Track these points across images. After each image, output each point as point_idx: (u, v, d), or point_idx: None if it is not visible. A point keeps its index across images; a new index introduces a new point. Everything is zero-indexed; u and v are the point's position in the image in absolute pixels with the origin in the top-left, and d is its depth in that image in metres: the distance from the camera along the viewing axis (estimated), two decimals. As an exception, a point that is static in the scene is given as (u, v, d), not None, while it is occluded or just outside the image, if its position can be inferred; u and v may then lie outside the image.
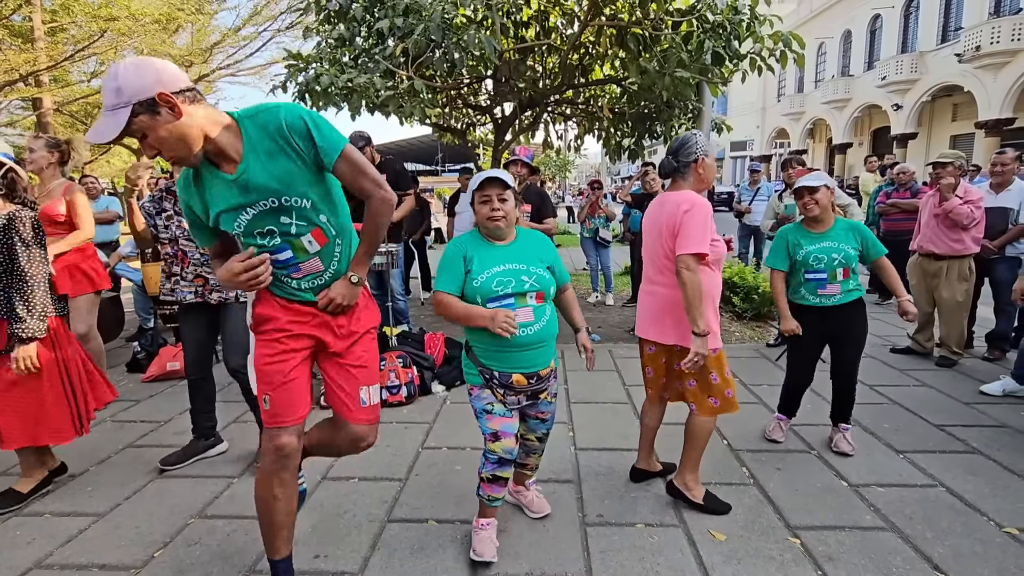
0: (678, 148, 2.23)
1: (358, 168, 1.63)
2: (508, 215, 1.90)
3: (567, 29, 5.80)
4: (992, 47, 16.49)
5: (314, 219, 1.63)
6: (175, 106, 1.39)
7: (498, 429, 1.95)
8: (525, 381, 1.96)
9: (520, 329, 1.86)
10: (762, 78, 5.25)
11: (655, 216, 2.26)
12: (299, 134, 1.53)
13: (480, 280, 1.87)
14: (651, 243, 2.28)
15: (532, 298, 1.91)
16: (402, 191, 4.49)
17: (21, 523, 2.34)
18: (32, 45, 12.58)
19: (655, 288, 2.29)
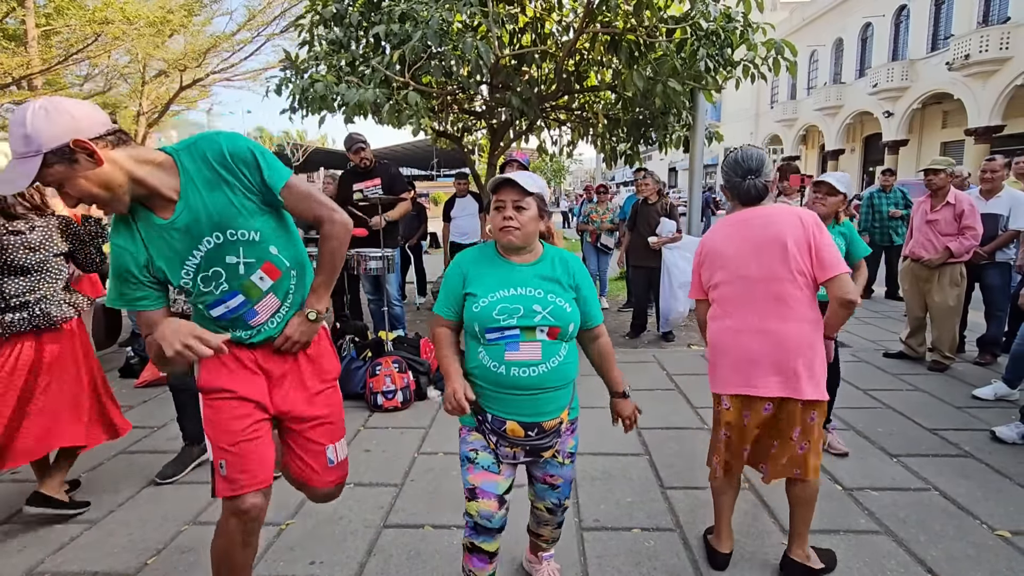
0: (758, 168, 1.89)
1: (307, 195, 1.51)
2: (524, 227, 1.53)
3: (562, 36, 5.84)
4: (981, 55, 16.74)
5: (263, 253, 1.49)
6: (94, 152, 1.24)
7: (477, 485, 1.57)
8: (522, 432, 1.56)
9: (520, 369, 1.51)
10: (755, 85, 5.31)
11: (759, 238, 1.82)
12: (244, 163, 1.42)
13: (481, 305, 1.52)
14: (762, 271, 1.81)
15: (543, 333, 1.52)
16: (397, 194, 4.50)
17: (12, 530, 2.31)
18: (25, 48, 12.52)
19: (777, 326, 1.80)
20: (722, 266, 1.90)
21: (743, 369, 1.85)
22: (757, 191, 1.90)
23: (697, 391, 3.86)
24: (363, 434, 3.25)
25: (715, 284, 1.93)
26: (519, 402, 1.55)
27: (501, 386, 1.54)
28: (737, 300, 1.87)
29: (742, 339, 1.85)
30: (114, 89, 15.96)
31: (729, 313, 1.89)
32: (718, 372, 1.95)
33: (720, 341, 1.92)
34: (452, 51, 4.33)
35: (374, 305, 4.88)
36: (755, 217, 1.87)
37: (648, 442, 3.06)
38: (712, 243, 1.95)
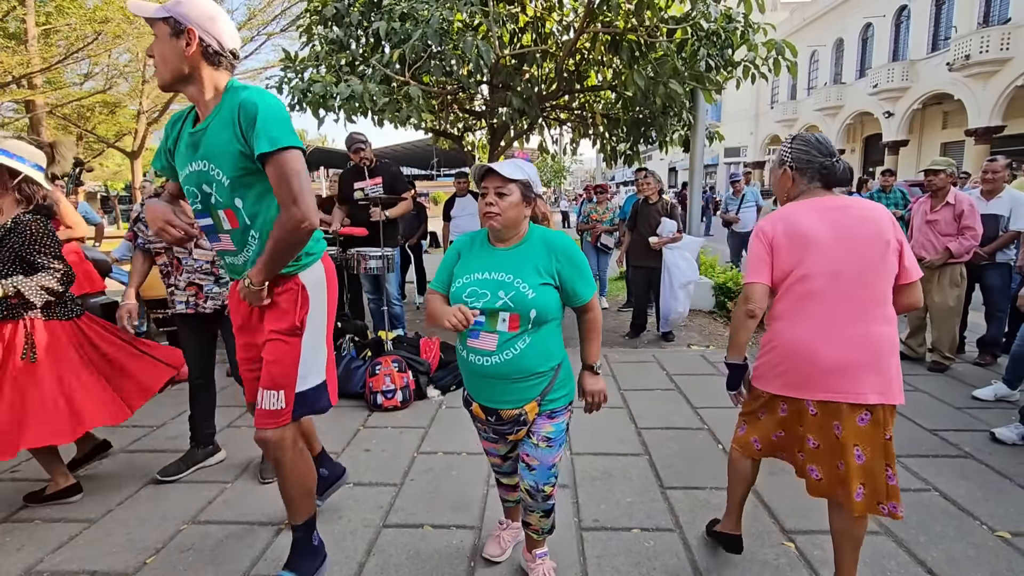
0: (835, 152, 1.76)
1: (281, 175, 1.57)
2: (505, 212, 1.57)
3: (563, 36, 5.84)
4: (981, 56, 16.73)
5: (227, 199, 1.67)
6: (191, 43, 1.59)
7: (485, 448, 1.88)
8: (483, 415, 1.72)
9: (476, 356, 1.60)
10: (755, 85, 5.32)
11: (859, 231, 1.64)
12: (246, 116, 1.56)
13: (456, 286, 1.63)
14: (861, 267, 1.62)
15: (503, 322, 1.55)
16: (398, 193, 4.49)
17: (10, 529, 2.31)
18: (25, 47, 12.50)
19: (876, 329, 1.62)
20: (815, 256, 1.64)
21: (839, 374, 1.62)
22: (848, 173, 1.73)
23: (697, 391, 3.86)
24: (363, 433, 3.25)
25: (802, 276, 1.65)
26: (479, 386, 1.67)
27: (464, 369, 1.68)
28: (830, 297, 1.63)
29: (836, 342, 1.62)
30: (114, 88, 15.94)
31: (814, 312, 1.65)
32: (797, 375, 1.69)
33: (802, 343, 1.66)
34: (452, 50, 4.33)
35: (374, 304, 4.88)
36: (849, 206, 1.67)
37: (648, 442, 3.06)
38: (799, 226, 1.66)
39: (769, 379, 1.78)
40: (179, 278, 2.61)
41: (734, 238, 7.60)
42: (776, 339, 1.75)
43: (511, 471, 1.89)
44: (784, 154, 1.78)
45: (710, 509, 2.40)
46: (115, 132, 18.51)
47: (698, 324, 5.79)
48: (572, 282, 1.62)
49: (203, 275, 2.60)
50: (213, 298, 2.62)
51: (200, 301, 2.60)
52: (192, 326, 2.67)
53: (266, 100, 1.58)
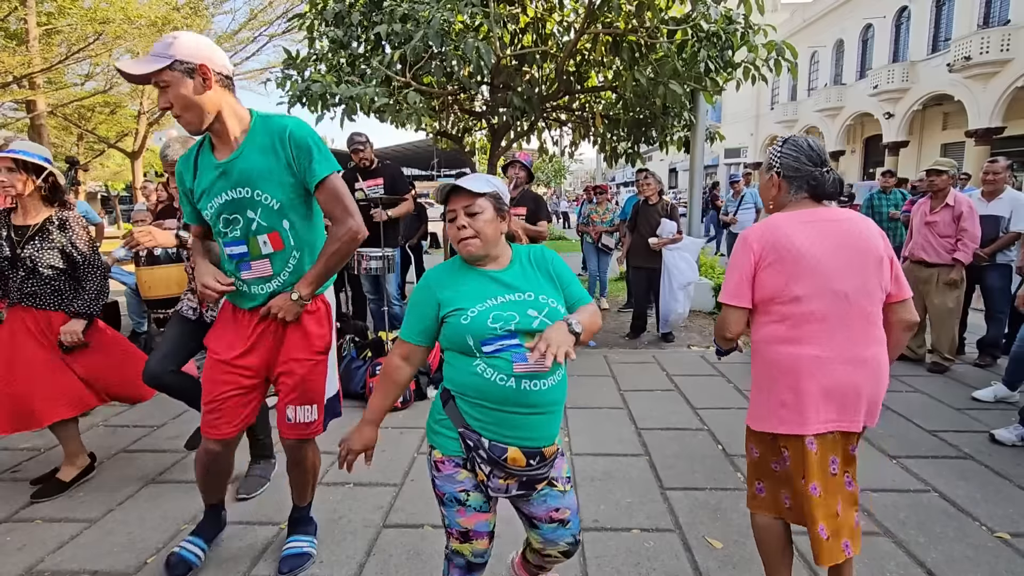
0: (827, 160, 1.63)
1: (335, 195, 1.74)
2: (482, 232, 1.36)
3: (563, 36, 5.84)
4: (982, 57, 16.73)
5: (276, 222, 1.74)
6: (208, 79, 1.61)
7: (471, 528, 1.42)
8: (523, 461, 1.36)
9: (532, 382, 1.34)
10: (756, 86, 5.32)
11: (853, 246, 1.51)
12: (297, 145, 1.67)
13: (471, 316, 1.34)
14: (857, 286, 1.49)
15: None
16: (399, 194, 4.50)
17: (11, 529, 2.31)
18: (26, 47, 12.52)
19: (873, 353, 1.51)
20: (808, 275, 1.48)
21: (838, 404, 1.50)
22: (837, 186, 1.59)
23: (697, 392, 3.86)
24: (363, 434, 3.25)
25: (795, 297, 1.49)
26: (527, 423, 1.36)
27: (507, 404, 1.34)
28: (827, 321, 1.48)
29: (836, 369, 1.49)
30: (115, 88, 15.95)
31: (812, 336, 1.49)
32: (793, 409, 1.50)
33: (799, 371, 1.50)
34: (453, 51, 4.34)
35: (374, 305, 4.88)
36: (839, 219, 1.55)
37: (648, 443, 3.06)
38: (790, 241, 1.50)
39: (770, 418, 1.57)
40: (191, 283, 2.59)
41: (731, 238, 7.64)
42: (774, 370, 1.55)
43: (486, 560, 1.50)
44: (773, 158, 1.63)
45: (710, 510, 2.40)
46: (116, 132, 18.53)
47: (698, 325, 5.79)
48: (570, 289, 1.47)
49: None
50: (213, 310, 2.53)
51: (204, 310, 2.55)
52: (184, 330, 2.54)
53: (311, 131, 1.71)
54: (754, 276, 1.55)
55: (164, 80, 1.58)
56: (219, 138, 1.72)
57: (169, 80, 1.58)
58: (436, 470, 1.43)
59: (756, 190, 8.05)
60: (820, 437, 1.51)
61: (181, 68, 1.57)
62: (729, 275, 1.60)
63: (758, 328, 1.60)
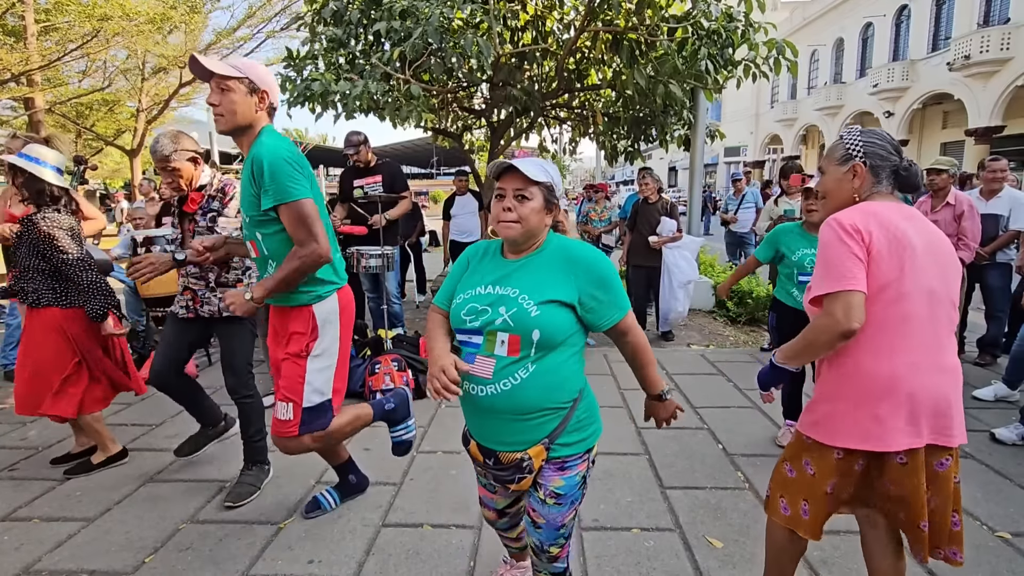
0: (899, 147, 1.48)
1: (294, 221, 1.85)
2: (526, 220, 1.30)
3: (563, 34, 5.83)
4: (982, 56, 16.73)
5: (251, 232, 1.96)
6: (263, 103, 1.93)
7: (480, 496, 1.61)
8: (480, 457, 1.41)
9: (472, 385, 1.33)
10: (756, 85, 5.31)
11: (940, 247, 1.38)
12: (259, 171, 1.81)
13: (457, 302, 1.38)
14: (946, 287, 1.37)
15: (502, 344, 1.29)
16: (398, 192, 4.48)
17: (9, 528, 2.30)
18: (24, 44, 12.47)
19: (955, 360, 1.39)
20: (913, 269, 1.32)
21: (937, 414, 1.35)
22: (921, 180, 1.49)
23: (697, 391, 3.86)
24: (363, 432, 3.23)
25: (900, 293, 1.32)
26: (476, 421, 1.39)
27: (461, 399, 1.38)
28: (927, 321, 1.33)
29: (935, 375, 1.34)
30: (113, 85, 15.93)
31: (913, 339, 1.33)
32: (892, 421, 1.33)
33: (902, 378, 1.33)
34: (453, 48, 4.32)
35: (373, 303, 4.87)
36: (921, 217, 1.42)
37: (648, 442, 3.06)
38: (899, 229, 1.33)
39: (848, 430, 1.38)
40: (184, 280, 2.58)
41: (731, 237, 7.63)
42: (865, 379, 1.36)
43: (510, 526, 1.64)
44: (852, 147, 1.46)
45: (710, 509, 2.40)
46: (114, 130, 18.49)
47: (698, 323, 5.78)
48: (597, 302, 1.32)
49: (195, 279, 2.50)
50: (208, 303, 2.52)
51: (197, 306, 2.50)
52: (181, 328, 2.55)
53: (280, 158, 1.81)
54: (867, 263, 1.32)
55: (230, 86, 1.84)
56: (241, 149, 1.96)
57: (234, 88, 1.85)
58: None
59: (757, 189, 8.04)
60: (912, 452, 1.35)
61: (248, 85, 1.87)
62: (833, 262, 1.34)
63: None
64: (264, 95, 1.92)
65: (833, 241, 1.36)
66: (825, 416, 1.44)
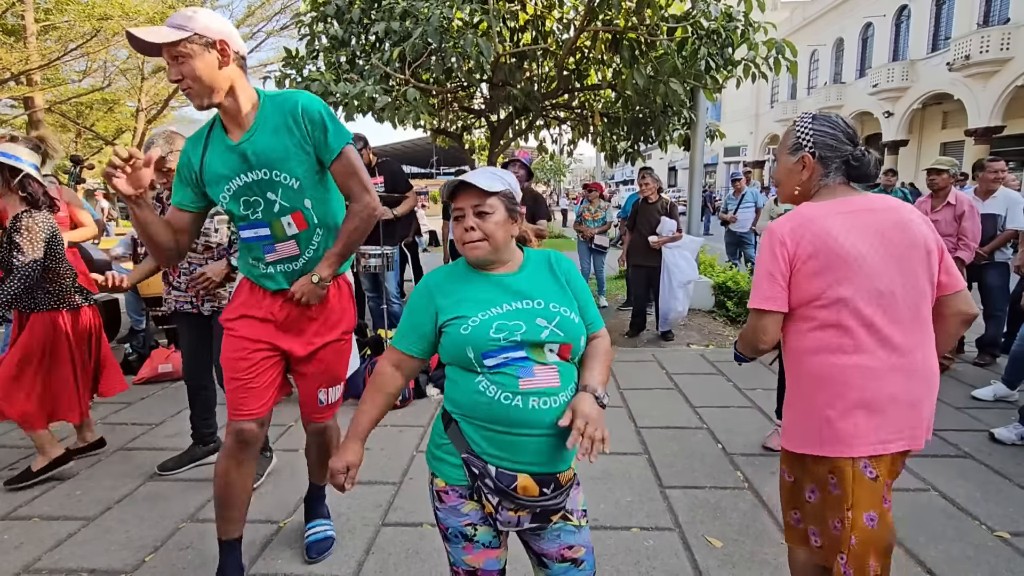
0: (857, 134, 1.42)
1: (350, 169, 1.71)
2: (492, 236, 1.22)
3: (563, 34, 5.83)
4: (981, 56, 16.73)
5: (298, 202, 1.70)
6: (226, 55, 1.58)
7: (479, 567, 1.27)
8: (536, 490, 1.19)
9: (541, 399, 1.19)
10: (755, 85, 5.31)
11: (898, 239, 1.31)
12: (311, 120, 1.64)
13: (472, 325, 1.20)
14: (906, 284, 1.31)
15: (553, 352, 1.21)
16: (400, 192, 4.49)
17: (9, 527, 2.31)
18: (24, 43, 12.47)
19: (925, 358, 1.33)
20: (853, 274, 1.29)
21: (892, 418, 1.30)
22: (877, 168, 1.39)
23: (697, 390, 3.86)
24: (362, 432, 3.24)
25: (839, 299, 1.30)
26: (538, 447, 1.19)
27: (515, 425, 1.18)
28: (875, 325, 1.30)
29: (888, 379, 1.30)
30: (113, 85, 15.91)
31: (860, 344, 1.30)
32: (842, 428, 1.29)
33: (847, 383, 1.30)
34: (452, 48, 4.32)
35: (373, 303, 4.87)
36: (878, 209, 1.34)
37: (647, 441, 3.06)
38: (830, 238, 1.30)
39: (813, 439, 1.35)
40: (178, 280, 2.61)
41: (731, 236, 7.64)
42: (817, 384, 1.34)
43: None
44: (802, 136, 1.40)
45: (709, 508, 2.40)
46: (114, 129, 18.48)
47: (697, 323, 5.79)
48: (587, 306, 1.31)
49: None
50: (210, 300, 2.61)
51: (199, 303, 2.61)
52: (191, 324, 2.67)
53: (322, 104, 1.68)
54: (790, 277, 1.34)
55: (181, 52, 1.51)
56: (230, 117, 1.66)
57: (187, 52, 1.52)
58: (439, 501, 1.28)
59: (757, 188, 8.04)
60: (876, 459, 1.30)
61: (200, 41, 1.53)
62: (759, 277, 1.38)
63: (795, 336, 1.39)
64: (223, 44, 1.57)
65: (764, 252, 1.38)
66: (787, 424, 1.43)
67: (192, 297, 2.60)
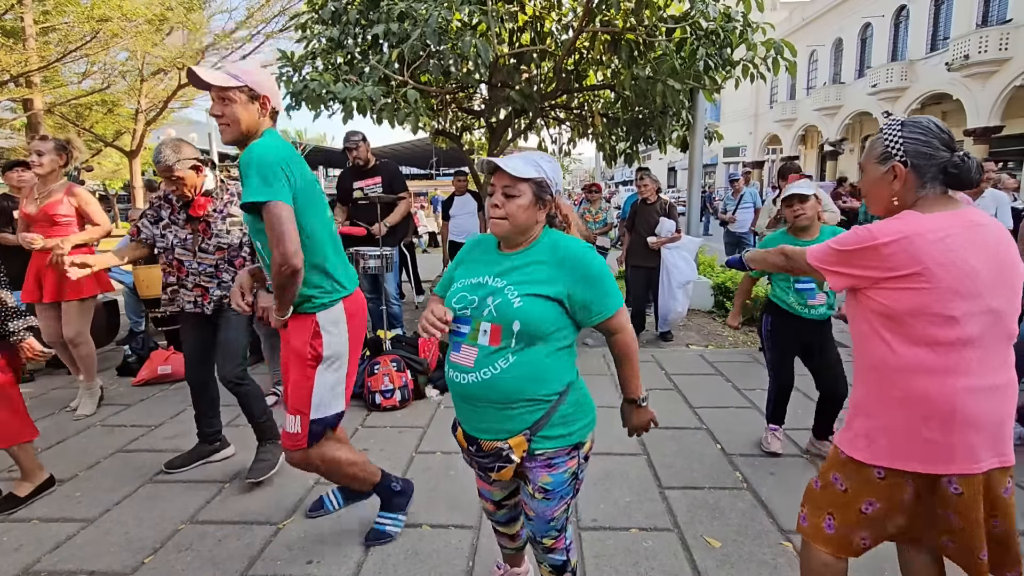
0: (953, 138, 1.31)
1: (268, 223, 1.72)
2: (513, 217, 1.34)
3: (562, 35, 5.83)
4: (980, 56, 16.75)
5: (255, 237, 1.89)
6: (265, 109, 1.86)
7: (479, 487, 1.63)
8: (464, 443, 1.47)
9: (456, 372, 1.38)
10: (754, 85, 5.33)
11: (1001, 255, 1.25)
12: (244, 163, 1.74)
13: (454, 289, 1.45)
14: (1007, 302, 1.25)
15: (484, 334, 1.32)
16: (397, 193, 4.49)
17: (8, 529, 2.31)
18: (23, 45, 12.46)
19: (1013, 375, 1.29)
20: (968, 292, 1.20)
21: (994, 436, 1.26)
22: (979, 174, 1.28)
23: (696, 391, 3.86)
24: (361, 433, 3.25)
25: (949, 318, 1.21)
26: (462, 409, 1.44)
27: (449, 387, 1.44)
28: (986, 343, 1.23)
29: (991, 397, 1.24)
30: (112, 87, 15.90)
31: (970, 362, 1.22)
32: (943, 446, 1.25)
33: (953, 404, 1.23)
34: (451, 49, 4.32)
35: (372, 304, 4.87)
36: (985, 223, 1.26)
37: (646, 442, 3.06)
38: (945, 253, 1.20)
39: (891, 449, 1.29)
40: (184, 280, 2.63)
41: (730, 237, 7.65)
42: (917, 403, 1.26)
43: (507, 520, 1.66)
44: (891, 144, 1.30)
45: (708, 509, 2.40)
46: (113, 131, 18.47)
47: (697, 324, 5.79)
48: (584, 296, 1.34)
49: (207, 278, 2.63)
50: (215, 300, 2.64)
51: (204, 302, 2.63)
52: (195, 323, 2.69)
53: (259, 156, 1.72)
54: (874, 279, 1.27)
55: (229, 96, 1.77)
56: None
57: (234, 98, 1.78)
58: None
59: (755, 189, 8.05)
60: (966, 479, 1.25)
61: (248, 93, 1.80)
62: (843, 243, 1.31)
63: (886, 351, 1.30)
64: (265, 100, 1.85)
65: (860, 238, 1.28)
66: (866, 432, 1.35)
67: (197, 297, 2.62)
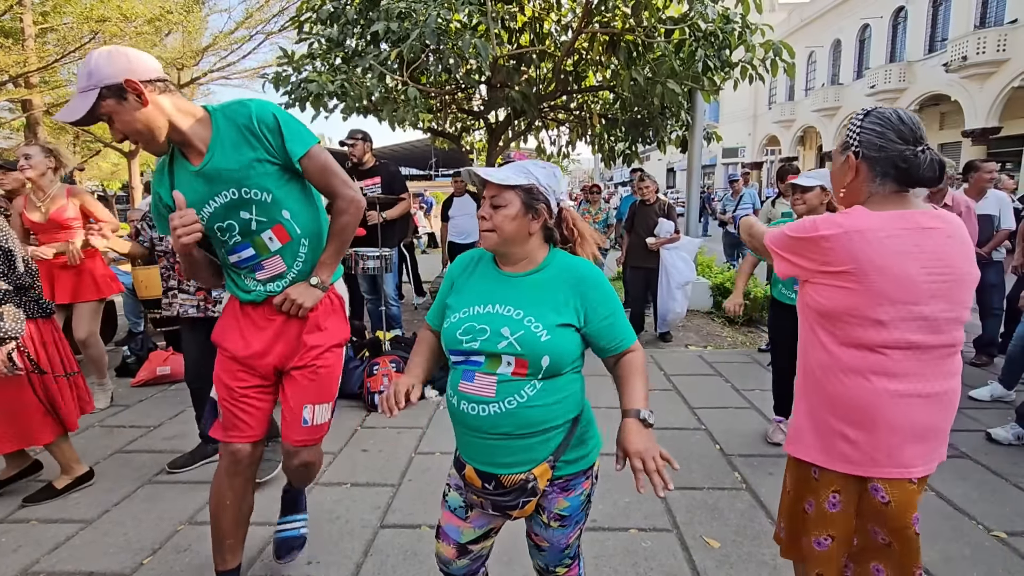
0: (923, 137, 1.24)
1: (324, 167, 1.63)
2: (500, 228, 1.22)
3: (561, 36, 5.84)
4: (978, 57, 16.78)
5: (275, 215, 1.61)
6: (141, 94, 1.42)
7: (441, 525, 1.39)
8: (478, 483, 1.27)
9: (470, 404, 1.22)
10: (753, 86, 5.34)
11: (956, 264, 1.21)
12: (268, 128, 1.54)
13: (451, 321, 1.27)
14: (950, 310, 1.22)
15: (508, 366, 1.20)
16: (396, 193, 4.49)
17: (7, 530, 2.30)
18: (22, 46, 12.45)
19: (951, 385, 1.27)
20: (898, 297, 1.18)
21: (913, 446, 1.27)
22: (936, 169, 1.21)
23: (695, 391, 3.87)
24: (360, 434, 3.24)
25: (876, 321, 1.20)
26: (474, 444, 1.26)
27: (456, 420, 1.28)
28: (912, 350, 1.22)
29: (915, 406, 1.24)
30: (111, 87, 15.86)
31: (893, 368, 1.22)
32: (863, 450, 1.26)
33: (877, 407, 1.24)
34: (451, 50, 4.33)
35: (371, 305, 4.87)
36: (936, 227, 1.20)
37: (645, 442, 3.06)
38: (877, 256, 1.18)
39: (832, 454, 1.30)
40: (185, 283, 2.61)
41: (728, 238, 7.67)
42: (840, 403, 1.28)
43: (466, 573, 1.42)
44: (851, 135, 1.28)
45: (707, 509, 2.41)
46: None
47: (696, 324, 5.79)
48: (604, 324, 1.26)
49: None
50: (221, 302, 2.60)
51: (209, 306, 2.62)
52: (197, 329, 2.67)
53: (275, 108, 1.58)
54: (810, 271, 1.28)
55: (104, 111, 1.41)
56: (185, 147, 1.55)
57: (108, 108, 1.40)
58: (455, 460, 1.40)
59: (755, 190, 8.07)
60: (890, 483, 1.26)
61: (110, 94, 1.39)
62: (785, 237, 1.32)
63: (819, 349, 1.30)
64: (131, 84, 1.40)
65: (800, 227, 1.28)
66: (801, 429, 1.38)
67: (200, 300, 2.60)
